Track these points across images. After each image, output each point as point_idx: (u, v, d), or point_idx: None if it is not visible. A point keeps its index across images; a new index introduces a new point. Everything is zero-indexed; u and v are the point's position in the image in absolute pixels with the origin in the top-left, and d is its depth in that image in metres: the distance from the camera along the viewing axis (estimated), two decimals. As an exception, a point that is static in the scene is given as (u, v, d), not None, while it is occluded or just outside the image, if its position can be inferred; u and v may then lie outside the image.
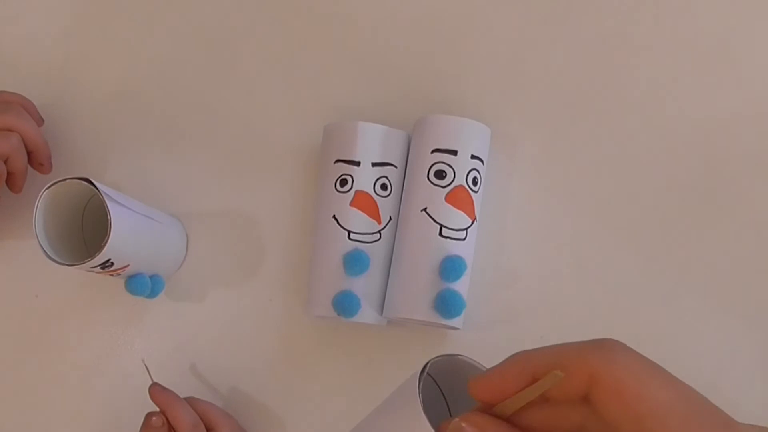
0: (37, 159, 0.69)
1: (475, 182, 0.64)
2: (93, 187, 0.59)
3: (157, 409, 0.63)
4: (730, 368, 0.65)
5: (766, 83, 0.69)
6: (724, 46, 0.70)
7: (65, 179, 0.59)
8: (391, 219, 0.66)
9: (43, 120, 0.72)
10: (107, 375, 0.71)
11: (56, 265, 0.59)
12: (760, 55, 0.70)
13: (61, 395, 0.71)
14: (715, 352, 0.65)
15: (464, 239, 0.63)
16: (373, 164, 0.65)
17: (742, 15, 0.71)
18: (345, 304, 0.63)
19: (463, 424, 0.33)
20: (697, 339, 0.65)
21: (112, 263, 0.61)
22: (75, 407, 0.71)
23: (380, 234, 0.65)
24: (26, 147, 0.67)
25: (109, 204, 0.58)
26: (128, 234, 0.61)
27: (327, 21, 0.75)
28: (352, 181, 0.65)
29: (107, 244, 0.58)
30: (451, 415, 0.44)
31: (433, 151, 0.64)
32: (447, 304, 0.62)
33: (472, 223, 0.64)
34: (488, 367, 0.37)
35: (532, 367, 0.31)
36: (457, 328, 0.64)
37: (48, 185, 0.59)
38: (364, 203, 0.65)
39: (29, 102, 0.71)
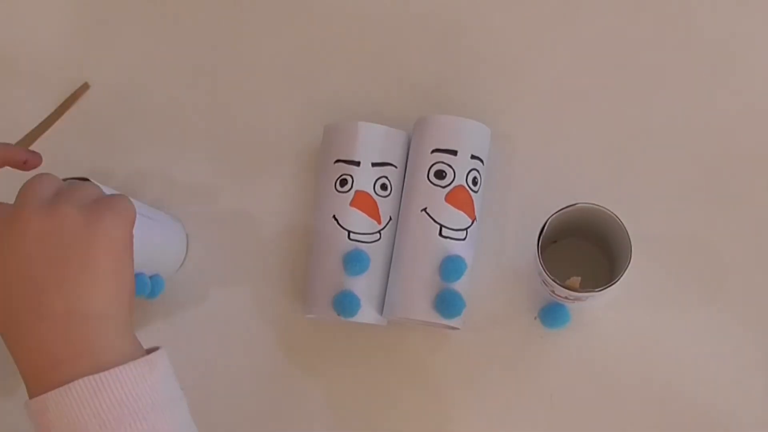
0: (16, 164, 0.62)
1: (475, 182, 0.64)
2: None
3: None
4: (730, 369, 0.65)
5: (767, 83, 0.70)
6: (725, 46, 0.70)
7: (65, 179, 0.59)
8: (391, 219, 0.66)
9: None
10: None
11: None
12: (761, 54, 0.70)
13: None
14: (715, 352, 0.65)
15: (464, 239, 0.63)
16: (373, 164, 0.65)
17: (744, 14, 0.71)
18: (345, 304, 0.63)
19: None
20: (697, 339, 0.65)
21: None
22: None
23: (380, 234, 0.65)
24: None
25: None
26: None
27: (327, 21, 0.75)
28: (352, 181, 0.65)
29: None
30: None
31: (433, 151, 0.64)
32: (447, 304, 0.62)
33: (472, 223, 0.64)
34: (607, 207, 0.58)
35: None
36: (457, 328, 0.64)
37: None
38: (364, 203, 0.65)
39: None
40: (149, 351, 0.47)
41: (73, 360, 0.44)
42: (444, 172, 0.64)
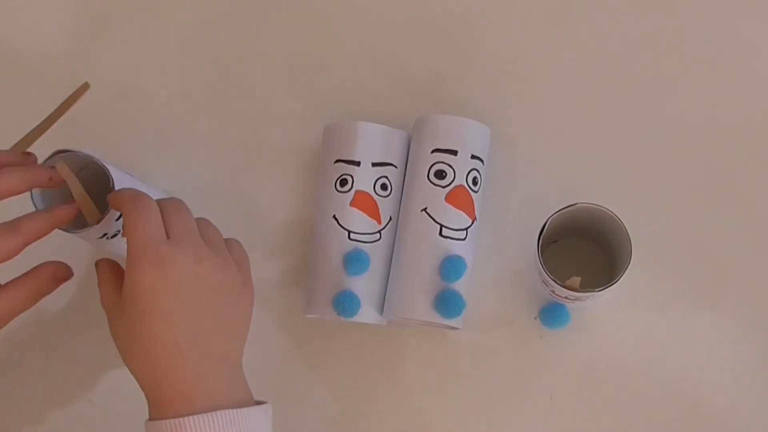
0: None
1: (475, 182, 0.64)
2: (89, 158, 0.60)
3: None
4: (730, 368, 0.65)
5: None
6: (726, 46, 0.70)
7: (57, 152, 0.60)
8: (391, 219, 0.66)
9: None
10: (109, 377, 0.71)
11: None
12: (762, 53, 0.70)
13: (63, 396, 0.71)
14: (716, 352, 0.65)
15: (464, 239, 0.63)
16: (373, 164, 0.65)
17: (744, 14, 0.71)
18: (345, 304, 0.63)
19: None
20: (698, 339, 0.65)
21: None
22: (76, 408, 0.71)
23: (380, 234, 0.65)
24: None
25: (106, 165, 0.60)
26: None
27: (327, 21, 0.75)
28: (352, 181, 0.65)
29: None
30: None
31: (433, 151, 0.64)
32: (447, 304, 0.62)
33: (472, 223, 0.64)
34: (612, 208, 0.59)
35: None
36: (457, 328, 0.64)
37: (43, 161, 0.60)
38: (364, 203, 0.65)
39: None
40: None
41: (222, 395, 0.52)
42: (444, 172, 0.64)
